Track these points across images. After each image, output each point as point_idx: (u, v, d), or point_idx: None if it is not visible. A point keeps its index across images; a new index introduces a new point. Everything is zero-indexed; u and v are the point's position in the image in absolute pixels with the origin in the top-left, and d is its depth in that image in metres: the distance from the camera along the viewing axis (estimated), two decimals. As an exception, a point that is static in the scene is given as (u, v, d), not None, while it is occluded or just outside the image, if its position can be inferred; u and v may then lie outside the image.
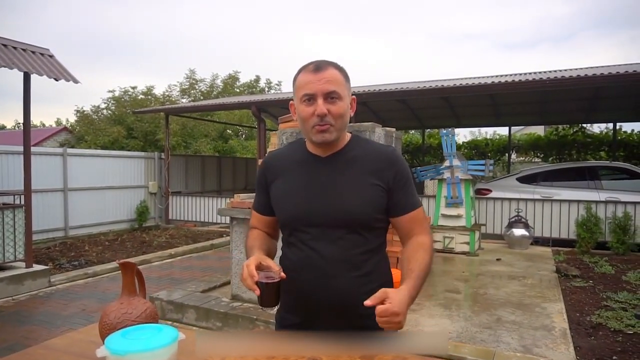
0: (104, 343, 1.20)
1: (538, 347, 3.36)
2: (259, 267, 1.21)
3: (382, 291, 1.13)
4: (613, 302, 4.43)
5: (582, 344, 3.45)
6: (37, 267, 5.45)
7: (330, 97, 1.25)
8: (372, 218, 1.31)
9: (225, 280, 5.03)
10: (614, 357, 3.21)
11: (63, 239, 8.56)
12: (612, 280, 5.31)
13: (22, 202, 5.36)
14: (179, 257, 7.36)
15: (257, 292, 1.17)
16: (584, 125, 12.86)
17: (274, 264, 1.21)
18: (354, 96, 1.37)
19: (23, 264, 5.35)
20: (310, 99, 1.25)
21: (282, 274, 1.20)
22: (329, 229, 1.29)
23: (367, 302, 1.11)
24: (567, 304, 4.43)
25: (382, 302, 1.11)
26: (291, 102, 1.37)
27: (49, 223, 8.43)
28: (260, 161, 5.44)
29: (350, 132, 1.41)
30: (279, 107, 10.37)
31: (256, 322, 3.85)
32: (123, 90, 17.41)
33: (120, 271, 4.86)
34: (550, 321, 3.92)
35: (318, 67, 1.26)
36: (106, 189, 9.68)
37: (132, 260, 6.24)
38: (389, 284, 1.39)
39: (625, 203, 7.23)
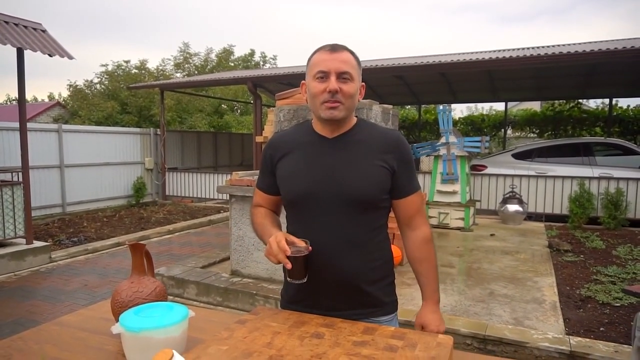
0: (116, 320, 1.26)
1: (529, 320, 3.48)
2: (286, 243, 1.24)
3: (418, 325, 1.41)
4: (603, 276, 4.56)
5: (571, 316, 3.58)
6: (37, 244, 5.51)
7: (343, 76, 1.29)
8: (377, 198, 1.35)
9: (224, 256, 5.11)
10: (601, 329, 3.34)
11: (61, 215, 8.61)
12: (602, 254, 5.45)
13: (20, 179, 5.37)
14: (177, 233, 7.44)
15: (289, 265, 1.20)
16: (580, 100, 12.85)
17: (299, 240, 1.24)
18: (363, 83, 1.40)
19: (23, 241, 5.41)
20: (324, 76, 1.29)
21: (310, 247, 1.25)
22: (335, 208, 1.33)
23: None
24: (558, 278, 4.55)
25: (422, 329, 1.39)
26: (302, 81, 1.40)
27: (47, 199, 8.46)
28: (257, 138, 5.39)
29: (357, 116, 1.44)
30: (275, 83, 10.28)
31: (256, 297, 3.94)
32: (116, 64, 17.17)
33: (119, 247, 4.99)
34: (541, 294, 4.04)
35: (334, 48, 1.32)
36: (102, 165, 9.67)
37: (131, 236, 6.30)
38: (390, 261, 1.45)
39: (618, 179, 7.33)
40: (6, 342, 1.24)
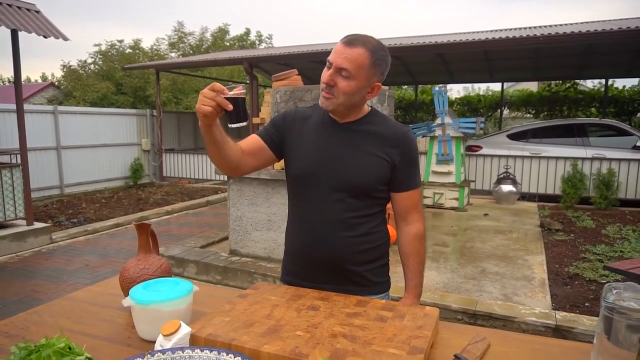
0: (125, 295, 1.34)
1: (518, 296, 3.61)
2: None
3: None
4: (591, 254, 4.70)
5: (559, 292, 3.71)
6: (37, 225, 5.58)
7: (342, 73, 1.30)
8: (372, 188, 1.40)
9: (222, 236, 5.21)
10: (587, 304, 3.47)
11: (59, 196, 8.66)
12: (592, 234, 5.59)
13: (19, 161, 5.41)
14: (175, 214, 7.53)
15: (230, 107, 1.18)
16: (578, 81, 12.87)
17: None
18: (379, 84, 1.37)
19: (24, 222, 5.48)
20: (330, 66, 1.32)
21: (244, 90, 1.23)
22: (331, 191, 1.39)
23: None
24: (548, 256, 4.69)
25: None
26: None
27: (45, 181, 8.50)
28: (253, 119, 5.43)
29: (371, 107, 1.48)
30: (272, 63, 10.22)
31: (254, 275, 4.05)
32: (110, 44, 16.96)
33: (119, 228, 5.13)
34: (531, 272, 4.17)
35: (350, 41, 1.30)
36: (99, 147, 9.69)
37: (130, 217, 6.39)
38: (384, 245, 1.51)
39: (611, 160, 7.44)
40: (22, 315, 1.33)
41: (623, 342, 0.91)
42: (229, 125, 1.27)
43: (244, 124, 1.25)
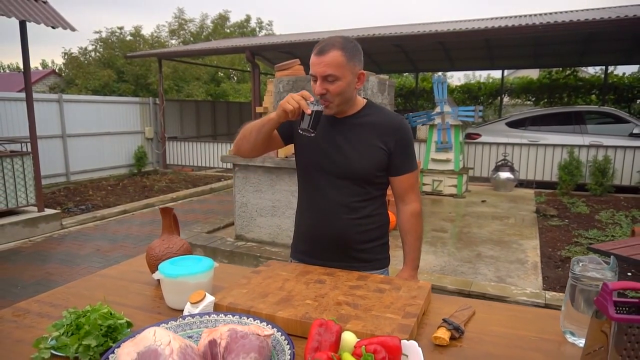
0: (151, 271, 1.51)
1: (511, 278, 3.79)
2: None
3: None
4: (583, 239, 4.87)
5: (550, 274, 3.89)
6: (48, 211, 5.76)
7: (328, 79, 1.46)
8: (372, 175, 1.57)
9: (228, 222, 5.38)
10: (576, 285, 3.65)
11: (66, 184, 8.83)
12: (585, 219, 5.75)
13: (29, 149, 5.56)
14: (180, 201, 7.70)
15: (309, 111, 1.38)
16: (579, 68, 12.91)
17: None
18: (362, 71, 1.53)
19: (35, 209, 5.65)
20: (315, 78, 1.49)
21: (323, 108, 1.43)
22: (335, 179, 1.57)
23: None
24: (542, 241, 4.86)
25: None
26: None
27: (51, 169, 8.66)
28: (257, 109, 5.55)
29: (366, 99, 1.64)
30: (274, 51, 10.29)
31: (259, 259, 4.23)
32: (110, 30, 16.98)
33: (126, 214, 5.37)
34: (525, 256, 4.35)
35: (321, 50, 1.45)
36: (103, 135, 9.83)
37: (136, 204, 6.56)
38: (384, 226, 1.68)
39: (607, 147, 7.57)
40: (61, 289, 1.49)
41: (584, 308, 1.07)
42: (299, 129, 1.44)
43: (311, 134, 1.42)
